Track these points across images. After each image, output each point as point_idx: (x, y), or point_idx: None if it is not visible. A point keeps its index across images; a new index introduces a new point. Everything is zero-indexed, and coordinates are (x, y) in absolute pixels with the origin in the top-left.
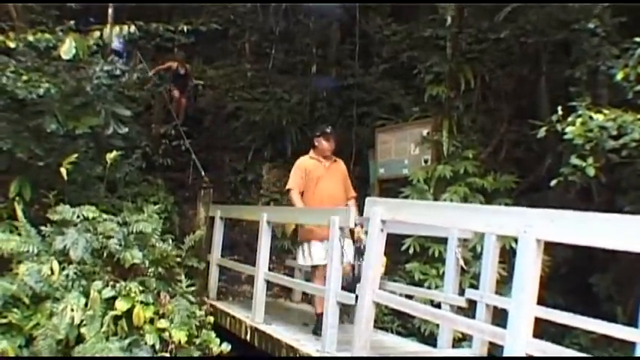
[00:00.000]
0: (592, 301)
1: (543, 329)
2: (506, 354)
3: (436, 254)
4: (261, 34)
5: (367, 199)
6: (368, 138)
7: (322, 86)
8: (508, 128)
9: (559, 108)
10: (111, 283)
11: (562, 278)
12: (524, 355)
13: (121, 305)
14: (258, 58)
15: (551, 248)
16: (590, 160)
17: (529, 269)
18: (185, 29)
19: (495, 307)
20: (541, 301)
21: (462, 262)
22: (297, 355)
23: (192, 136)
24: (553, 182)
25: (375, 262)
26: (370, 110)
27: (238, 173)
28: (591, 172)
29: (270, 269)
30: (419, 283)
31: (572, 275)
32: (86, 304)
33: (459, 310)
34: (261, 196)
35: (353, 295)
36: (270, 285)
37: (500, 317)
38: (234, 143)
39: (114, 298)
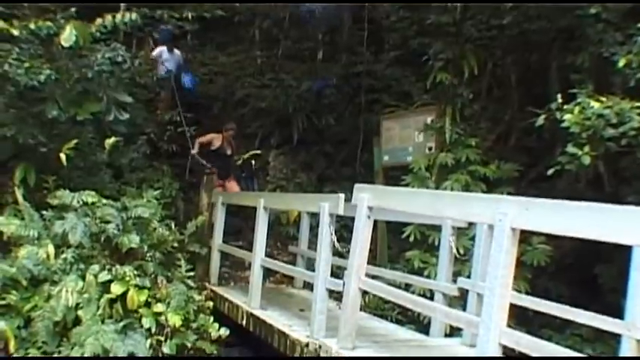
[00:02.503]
0: (597, 293)
1: (548, 321)
2: (479, 343)
3: (436, 242)
4: (272, 20)
5: (355, 186)
6: (376, 125)
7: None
8: (514, 116)
9: (558, 95)
10: (107, 267)
11: (567, 269)
12: (498, 344)
13: (116, 289)
14: (268, 45)
15: (557, 238)
16: (587, 148)
17: (503, 258)
18: (190, 16)
19: None
20: (545, 292)
21: (454, 251)
22: (288, 341)
23: (201, 123)
24: (550, 171)
25: (361, 249)
26: (379, 97)
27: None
28: (587, 160)
29: (273, 255)
30: (418, 272)
31: (578, 266)
32: (83, 287)
33: (454, 298)
34: (267, 182)
35: (341, 282)
36: (273, 271)
37: None
38: (242, 130)
39: (110, 281)
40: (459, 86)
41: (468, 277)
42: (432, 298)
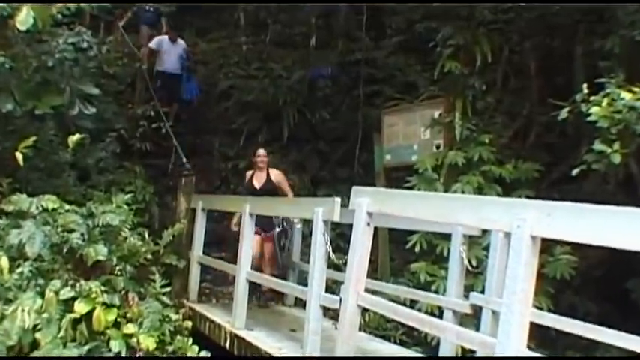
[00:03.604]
0: (629, 310)
1: (573, 341)
2: None
3: (445, 253)
4: (259, 2)
5: (353, 189)
6: (377, 120)
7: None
8: (534, 109)
9: (584, 85)
10: (71, 282)
11: (596, 282)
12: None
13: (81, 307)
14: (255, 30)
15: (583, 247)
16: (617, 145)
17: (522, 270)
18: None
19: None
20: (571, 309)
21: (466, 262)
22: None
23: (180, 118)
24: (574, 171)
25: (360, 260)
26: (381, 89)
27: (229, 160)
28: (617, 159)
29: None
30: (425, 286)
31: (608, 279)
32: (42, 306)
33: (465, 316)
34: None
35: (337, 298)
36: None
37: None
38: (226, 126)
39: (73, 299)
40: (471, 76)
41: (482, 292)
42: (440, 316)
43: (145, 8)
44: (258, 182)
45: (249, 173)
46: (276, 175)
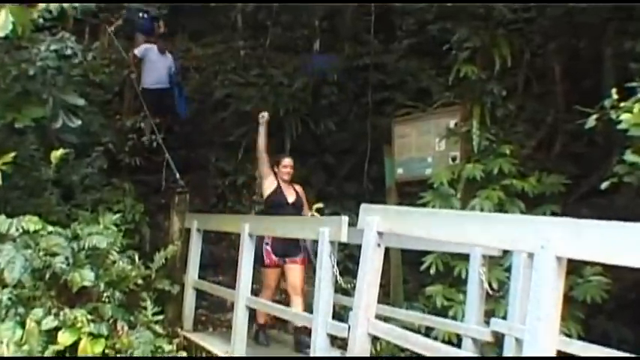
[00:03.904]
0: None
1: None
2: None
3: (463, 275)
4: (258, 2)
5: (362, 206)
6: (387, 130)
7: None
8: (559, 117)
9: (614, 90)
10: (54, 310)
11: (631, 306)
12: None
13: (65, 338)
14: (253, 33)
15: (616, 268)
16: None
17: (547, 294)
18: None
19: None
20: (603, 336)
21: (486, 285)
22: None
23: (172, 131)
24: (604, 184)
25: (370, 284)
26: (391, 96)
27: (226, 175)
28: None
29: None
30: (442, 312)
31: None
32: (23, 337)
33: (486, 344)
34: (254, 202)
35: (345, 326)
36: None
37: None
38: (222, 138)
39: (57, 329)
40: (489, 81)
41: (504, 317)
42: (459, 345)
43: (138, 15)
44: (290, 196)
45: (271, 184)
46: (301, 191)
